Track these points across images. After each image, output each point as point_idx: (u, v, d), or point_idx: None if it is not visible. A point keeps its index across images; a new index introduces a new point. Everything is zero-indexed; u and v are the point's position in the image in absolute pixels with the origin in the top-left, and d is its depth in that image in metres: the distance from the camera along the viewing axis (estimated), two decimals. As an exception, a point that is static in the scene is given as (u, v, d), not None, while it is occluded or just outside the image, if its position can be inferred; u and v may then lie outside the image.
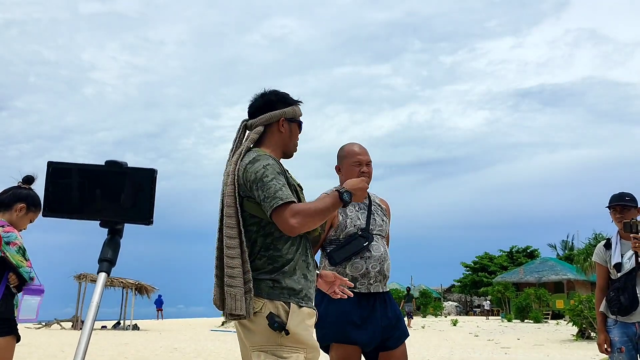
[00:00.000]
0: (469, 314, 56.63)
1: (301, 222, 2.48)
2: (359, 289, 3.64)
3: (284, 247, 2.60)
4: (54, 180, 1.93)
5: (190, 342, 18.60)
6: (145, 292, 31.42)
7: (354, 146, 3.81)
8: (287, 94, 2.86)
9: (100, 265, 1.83)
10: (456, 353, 14.34)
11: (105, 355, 13.15)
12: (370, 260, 3.67)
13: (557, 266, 47.93)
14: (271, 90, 2.86)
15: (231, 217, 2.57)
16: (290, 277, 2.57)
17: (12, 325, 3.84)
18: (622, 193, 4.73)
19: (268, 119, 2.77)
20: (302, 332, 2.52)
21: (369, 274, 3.65)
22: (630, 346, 4.50)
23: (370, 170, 3.77)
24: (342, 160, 3.81)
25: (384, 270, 3.71)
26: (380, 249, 3.73)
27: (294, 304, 2.54)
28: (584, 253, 32.59)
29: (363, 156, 3.75)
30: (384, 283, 3.75)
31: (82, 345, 1.64)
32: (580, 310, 19.49)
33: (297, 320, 2.52)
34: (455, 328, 29.26)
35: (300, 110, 2.86)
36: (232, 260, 2.52)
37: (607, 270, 4.77)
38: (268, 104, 2.80)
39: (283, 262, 2.58)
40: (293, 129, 2.82)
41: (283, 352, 2.48)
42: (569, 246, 60.50)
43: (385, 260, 3.73)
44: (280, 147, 2.80)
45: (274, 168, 2.59)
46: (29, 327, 30.59)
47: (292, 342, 2.49)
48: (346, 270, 3.66)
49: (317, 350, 2.59)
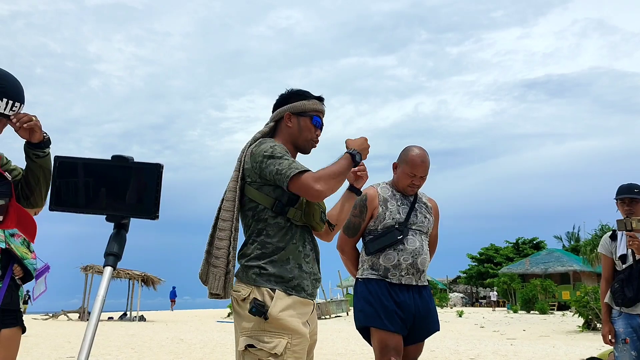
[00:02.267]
0: (474, 305, 56.65)
1: (325, 186, 2.52)
2: (391, 279, 3.74)
3: (277, 234, 2.63)
4: (61, 174, 1.95)
5: (196, 333, 18.69)
6: (152, 283, 31.54)
7: (418, 157, 3.81)
8: (305, 91, 2.87)
9: (107, 259, 1.85)
10: (462, 344, 14.37)
11: (112, 346, 13.23)
12: (403, 252, 3.74)
13: (563, 257, 47.88)
14: (290, 88, 2.90)
15: (229, 201, 2.65)
16: (280, 266, 2.61)
17: (17, 317, 3.87)
18: (630, 185, 4.69)
19: (277, 115, 2.84)
20: (286, 318, 2.54)
21: (400, 265, 3.73)
22: (635, 337, 4.50)
23: (420, 183, 3.86)
24: (402, 162, 3.86)
25: (417, 263, 3.77)
26: (415, 243, 3.79)
27: (280, 291, 2.57)
28: (590, 244, 32.58)
29: (420, 172, 3.80)
30: (418, 276, 3.81)
31: (88, 339, 1.66)
32: (586, 301, 19.51)
33: (281, 307, 2.54)
34: (461, 319, 29.30)
35: (314, 105, 2.84)
36: (220, 242, 2.61)
37: (613, 262, 4.77)
38: (282, 100, 2.86)
39: (273, 249, 2.62)
40: (302, 123, 2.81)
41: (265, 336, 2.51)
42: (575, 237, 60.46)
43: (420, 255, 3.78)
44: (290, 142, 2.82)
45: (282, 148, 2.66)
46: (36, 318, 30.80)
47: (275, 328, 2.52)
48: (379, 260, 3.76)
49: (305, 337, 2.59)
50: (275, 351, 2.49)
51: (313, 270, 2.73)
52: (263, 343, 2.50)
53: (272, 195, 2.63)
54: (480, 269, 58.12)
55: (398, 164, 3.89)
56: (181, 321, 29.14)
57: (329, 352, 11.13)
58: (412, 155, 3.83)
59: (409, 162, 3.81)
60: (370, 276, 3.78)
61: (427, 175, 3.87)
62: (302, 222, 2.68)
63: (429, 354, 11.65)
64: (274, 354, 2.49)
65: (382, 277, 3.75)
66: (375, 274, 3.77)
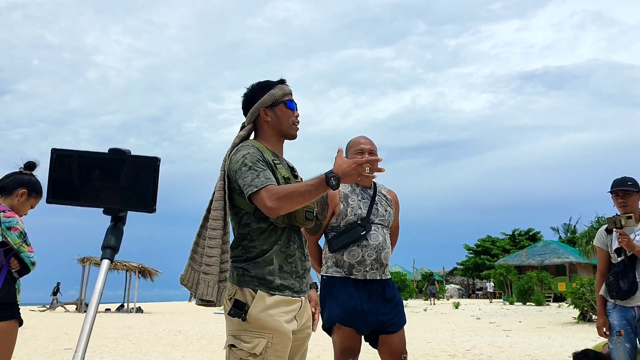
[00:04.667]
0: (471, 296, 56.84)
1: (278, 204, 2.50)
2: (356, 275, 3.77)
3: (259, 238, 2.66)
4: (58, 167, 1.95)
5: (193, 324, 18.73)
6: (149, 275, 31.58)
7: (359, 137, 3.95)
8: (265, 81, 2.87)
9: (104, 252, 1.85)
10: (458, 336, 14.42)
11: (109, 338, 13.25)
12: (367, 248, 3.77)
13: (560, 249, 48.05)
14: (251, 85, 2.90)
15: (217, 210, 2.64)
16: (262, 267, 2.63)
17: (14, 310, 3.88)
18: (624, 178, 4.72)
19: (252, 115, 2.84)
20: (266, 319, 2.57)
21: (364, 261, 3.76)
22: (629, 330, 4.54)
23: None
24: (348, 151, 3.92)
25: (381, 258, 3.81)
26: (378, 238, 3.82)
27: (262, 292, 2.60)
28: (587, 236, 32.62)
29: (366, 145, 3.84)
30: (382, 271, 3.84)
31: (85, 331, 1.66)
32: (582, 293, 19.57)
33: (261, 307, 2.57)
34: (457, 311, 29.40)
35: (281, 90, 2.84)
36: (211, 250, 2.59)
37: (608, 255, 4.80)
38: (249, 100, 2.86)
39: (257, 252, 2.65)
40: (279, 111, 2.83)
41: (246, 337, 2.56)
42: (571, 229, 60.57)
43: (383, 249, 3.82)
44: (274, 134, 2.85)
45: (253, 156, 2.63)
46: (33, 309, 30.82)
47: (255, 328, 2.56)
48: (344, 257, 3.79)
49: (286, 335, 2.62)
50: (255, 351, 2.54)
51: (296, 269, 2.74)
52: (243, 343, 2.56)
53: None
54: (476, 261, 58.31)
55: (347, 155, 3.90)
56: (178, 313, 29.20)
57: (325, 343, 11.17)
58: (353, 139, 3.96)
59: (353, 144, 3.91)
60: (335, 274, 3.80)
61: (375, 149, 3.89)
62: (285, 224, 2.70)
63: (425, 346, 11.70)
64: (253, 353, 2.54)
65: (346, 274, 3.77)
66: (339, 271, 3.79)
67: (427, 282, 42.78)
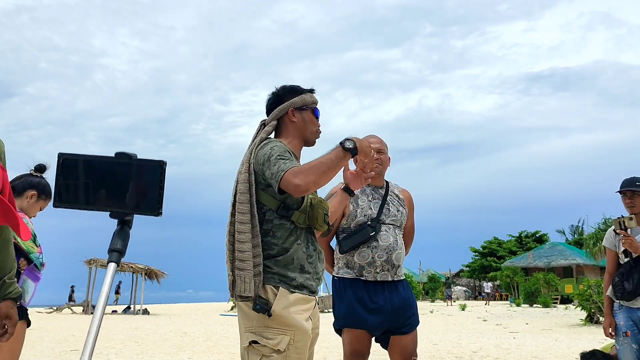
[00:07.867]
0: (477, 298, 56.70)
1: (304, 179, 2.46)
2: (366, 277, 3.74)
3: (281, 235, 2.66)
4: (64, 171, 1.96)
5: (199, 326, 18.75)
6: (155, 277, 31.64)
7: (369, 136, 3.88)
8: (297, 86, 2.92)
9: (110, 255, 1.86)
10: (464, 337, 14.40)
11: (116, 340, 13.29)
12: (377, 249, 3.74)
13: (566, 251, 47.89)
14: (281, 85, 2.93)
15: (243, 204, 2.63)
16: (284, 265, 2.63)
17: (22, 311, 3.90)
18: (633, 178, 4.71)
19: (279, 112, 2.85)
20: (289, 315, 2.57)
21: (375, 262, 3.73)
22: (636, 330, 4.52)
23: (382, 159, 3.84)
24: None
25: (392, 259, 3.76)
26: (389, 238, 3.78)
27: (283, 289, 2.60)
28: (594, 238, 32.54)
29: (375, 144, 3.79)
30: (394, 272, 3.80)
31: (92, 334, 1.67)
32: (589, 294, 19.49)
33: (284, 304, 2.57)
34: (464, 313, 29.35)
35: (311, 98, 2.91)
36: (242, 245, 2.58)
37: (617, 256, 4.78)
38: (277, 99, 2.89)
39: (278, 250, 2.65)
40: (306, 116, 2.87)
41: (269, 333, 2.55)
42: (578, 231, 60.39)
43: (394, 250, 3.78)
44: (297, 137, 2.87)
45: (280, 147, 2.64)
46: (40, 311, 30.91)
47: (278, 325, 2.55)
48: (354, 258, 3.77)
49: (307, 333, 2.62)
50: (279, 347, 2.53)
51: (315, 269, 2.76)
52: (267, 339, 2.54)
53: (278, 197, 2.65)
54: (483, 263, 58.14)
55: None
56: (185, 314, 29.24)
57: (332, 345, 11.17)
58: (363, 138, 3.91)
59: None
60: (346, 275, 3.79)
61: (386, 150, 3.88)
62: (305, 224, 2.71)
63: (432, 347, 11.68)
64: (277, 350, 2.53)
65: (357, 275, 3.75)
66: (350, 272, 3.78)
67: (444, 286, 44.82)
